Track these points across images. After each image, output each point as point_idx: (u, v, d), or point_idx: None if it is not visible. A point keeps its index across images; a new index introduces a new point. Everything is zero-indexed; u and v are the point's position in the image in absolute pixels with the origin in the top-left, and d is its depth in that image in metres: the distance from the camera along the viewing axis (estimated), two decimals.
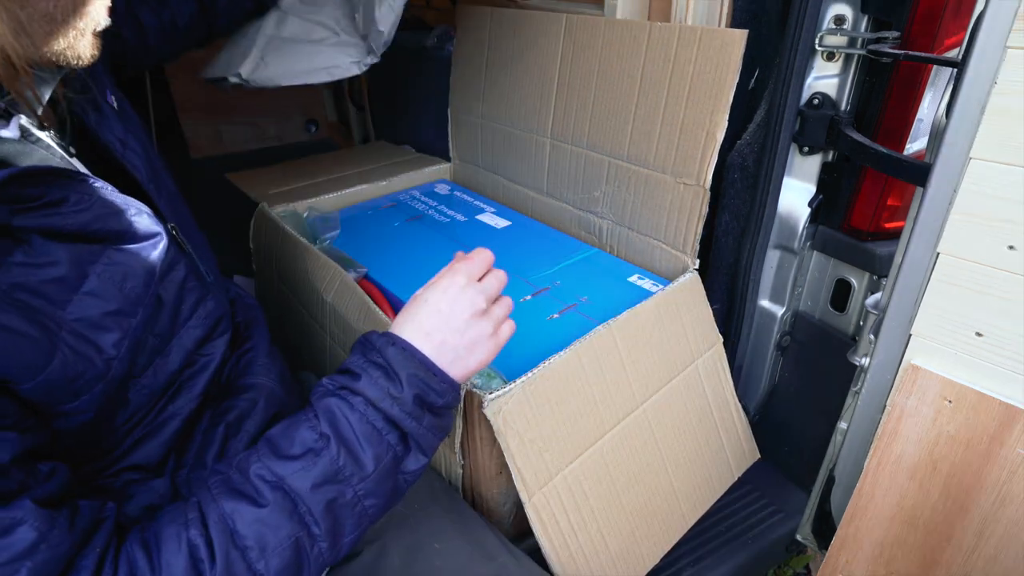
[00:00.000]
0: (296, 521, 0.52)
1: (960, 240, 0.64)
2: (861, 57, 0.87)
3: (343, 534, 0.55)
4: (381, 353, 0.58)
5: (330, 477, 0.54)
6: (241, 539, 0.50)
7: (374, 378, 0.56)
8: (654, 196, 1.01)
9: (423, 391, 0.57)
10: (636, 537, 0.87)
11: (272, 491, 0.52)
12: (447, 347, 0.60)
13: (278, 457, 0.54)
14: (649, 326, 0.89)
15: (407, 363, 0.57)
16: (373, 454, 0.55)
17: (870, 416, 0.80)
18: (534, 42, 1.15)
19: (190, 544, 0.49)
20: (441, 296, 0.61)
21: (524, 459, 0.74)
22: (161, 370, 0.60)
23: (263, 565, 0.50)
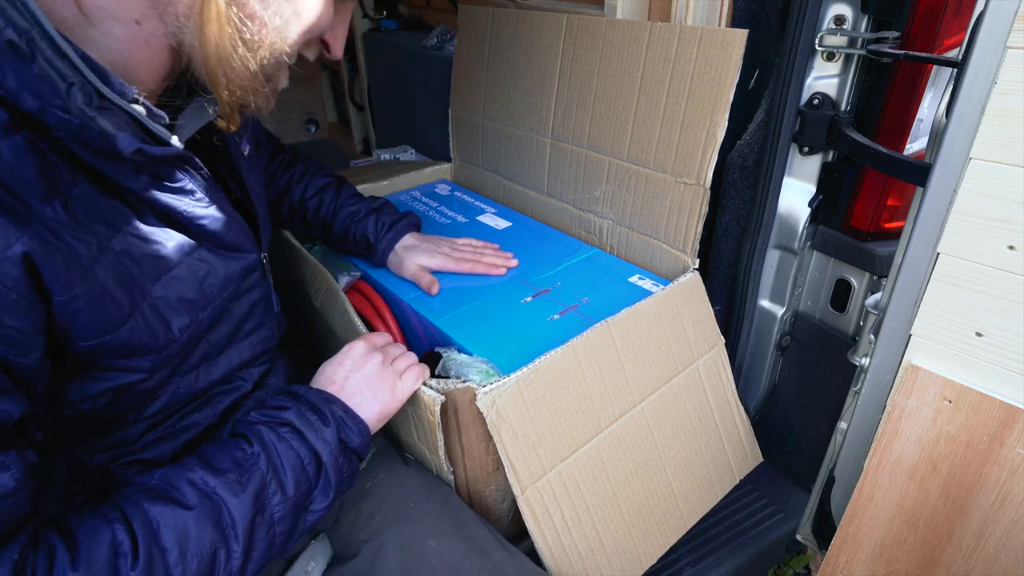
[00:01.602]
0: (219, 531, 0.54)
1: (960, 240, 0.64)
2: (861, 57, 0.87)
3: (253, 556, 0.56)
4: (304, 397, 0.65)
5: (257, 493, 0.57)
6: (163, 540, 0.51)
7: (301, 411, 0.63)
8: (654, 196, 1.01)
9: (341, 424, 0.65)
10: (632, 535, 0.87)
11: (200, 497, 0.54)
12: (354, 391, 0.69)
13: (210, 469, 0.56)
14: (648, 325, 0.89)
15: (326, 402, 0.65)
16: (294, 479, 0.59)
17: (870, 416, 0.80)
18: (534, 42, 1.15)
19: (114, 539, 0.49)
20: (343, 357, 0.72)
21: (517, 453, 0.74)
22: (203, 377, 0.64)
23: (180, 570, 0.51)
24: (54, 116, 0.46)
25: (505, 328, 0.89)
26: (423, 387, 0.74)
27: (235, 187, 0.70)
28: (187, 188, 0.58)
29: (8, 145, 0.45)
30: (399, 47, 1.90)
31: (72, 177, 0.49)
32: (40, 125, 0.46)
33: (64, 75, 0.45)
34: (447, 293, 0.98)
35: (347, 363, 0.71)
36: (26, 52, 0.43)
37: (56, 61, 0.44)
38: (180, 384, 0.62)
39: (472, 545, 0.71)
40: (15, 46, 0.43)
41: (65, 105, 0.45)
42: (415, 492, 0.76)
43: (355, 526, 0.74)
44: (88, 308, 0.50)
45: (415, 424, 0.80)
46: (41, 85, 0.44)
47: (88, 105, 0.46)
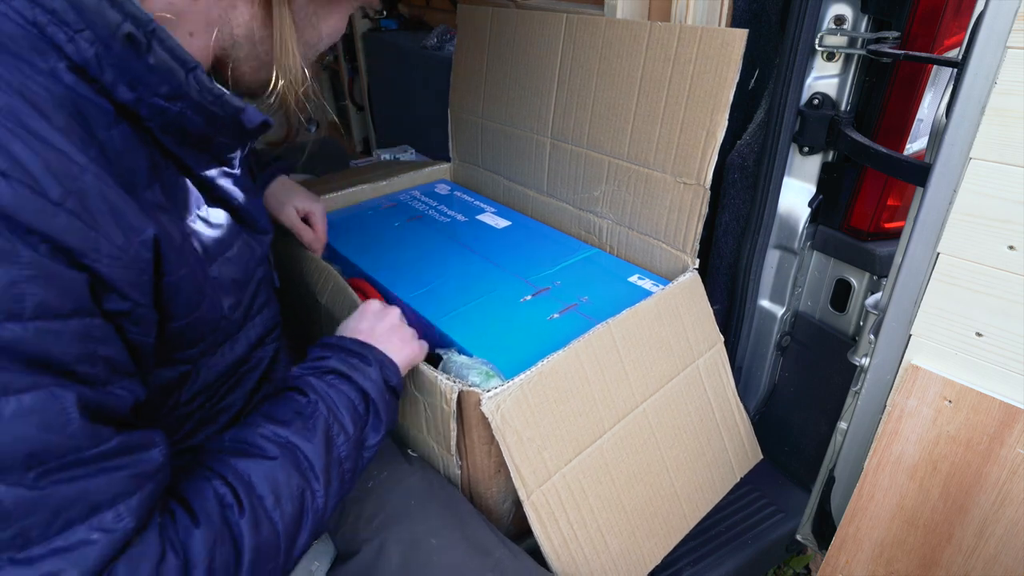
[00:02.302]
0: (301, 475, 0.58)
1: (960, 240, 0.64)
2: (861, 57, 0.87)
3: (331, 494, 0.60)
4: (339, 344, 0.69)
5: (325, 435, 0.61)
6: (258, 489, 0.55)
7: (342, 357, 0.67)
8: (654, 196, 1.01)
9: (382, 364, 0.68)
10: (637, 537, 0.87)
11: (278, 448, 0.58)
12: (383, 339, 0.72)
13: (277, 422, 0.60)
14: (649, 325, 0.89)
15: (363, 346, 0.69)
16: (351, 418, 0.63)
17: (870, 416, 0.80)
18: (534, 42, 1.15)
19: (216, 493, 0.53)
20: (362, 313, 0.75)
21: (522, 457, 0.74)
22: (228, 354, 0.66)
23: (278, 514, 0.55)
24: (150, 105, 0.49)
25: (505, 327, 0.90)
26: (440, 377, 0.75)
27: None
28: (238, 175, 0.64)
29: (119, 132, 0.48)
30: (399, 47, 1.90)
31: (165, 165, 0.54)
32: (133, 117, 0.50)
33: (185, 61, 0.49)
34: (446, 292, 0.98)
35: (369, 317, 0.74)
36: (143, 44, 0.47)
37: (177, 50, 0.49)
38: (210, 363, 0.64)
39: (474, 544, 0.71)
40: (133, 39, 0.46)
41: (175, 92, 0.50)
42: (417, 491, 0.77)
43: (357, 525, 0.74)
44: (186, 285, 0.53)
45: (426, 416, 0.80)
46: (150, 75, 0.48)
47: (213, 86, 0.51)
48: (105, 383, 0.45)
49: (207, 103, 0.52)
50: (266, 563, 0.53)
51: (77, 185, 0.43)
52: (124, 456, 0.46)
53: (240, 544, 0.51)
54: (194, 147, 0.57)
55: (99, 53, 0.46)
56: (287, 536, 0.55)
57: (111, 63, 0.46)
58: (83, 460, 0.43)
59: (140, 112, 0.49)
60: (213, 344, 0.62)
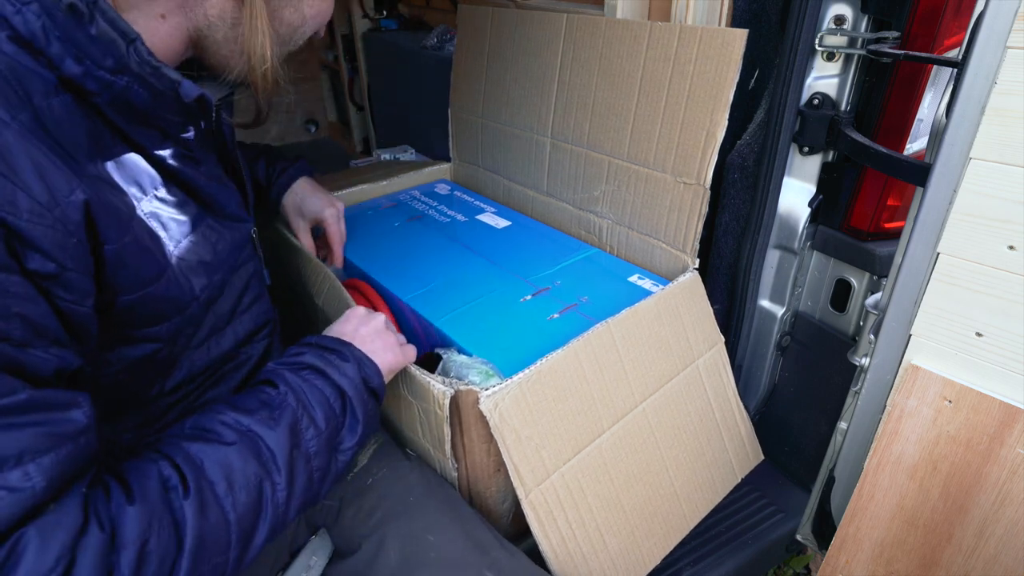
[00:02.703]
0: (260, 464, 0.55)
1: (960, 240, 0.64)
2: (861, 57, 0.87)
3: (295, 490, 0.57)
4: (318, 342, 0.67)
5: (291, 427, 0.58)
6: (209, 473, 0.52)
7: (319, 353, 0.65)
8: (654, 196, 1.01)
9: (360, 362, 0.66)
10: (636, 537, 0.87)
11: (237, 434, 0.55)
12: (365, 341, 0.70)
13: (240, 410, 0.57)
14: (648, 325, 0.89)
15: (342, 343, 0.67)
16: (323, 414, 0.61)
17: (870, 416, 0.80)
18: (534, 42, 1.15)
19: (160, 474, 0.50)
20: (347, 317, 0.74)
21: (521, 455, 0.74)
22: (215, 348, 0.67)
23: (230, 501, 0.52)
24: (96, 80, 0.49)
25: (504, 327, 0.89)
26: (432, 381, 0.74)
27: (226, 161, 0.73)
28: (197, 158, 0.63)
29: (60, 102, 0.48)
30: (399, 47, 1.90)
31: (112, 140, 0.54)
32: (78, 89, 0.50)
33: (126, 33, 0.49)
34: (446, 292, 0.98)
35: (353, 320, 0.73)
36: (86, 14, 0.47)
37: (118, 21, 0.49)
38: (195, 356, 0.65)
39: (471, 542, 0.71)
40: (75, 9, 0.46)
41: (119, 65, 0.49)
42: (416, 488, 0.77)
43: (356, 521, 0.74)
44: (133, 258, 0.53)
45: (420, 420, 0.80)
46: (93, 47, 0.48)
47: (152, 59, 0.51)
48: (22, 343, 0.44)
49: (146, 75, 0.52)
50: (213, 553, 0.50)
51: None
52: (36, 413, 0.43)
53: (182, 528, 0.48)
54: (143, 124, 0.56)
55: (45, 25, 0.46)
56: (240, 527, 0.52)
57: (57, 35, 0.47)
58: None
59: (87, 86, 0.49)
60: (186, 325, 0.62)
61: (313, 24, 0.65)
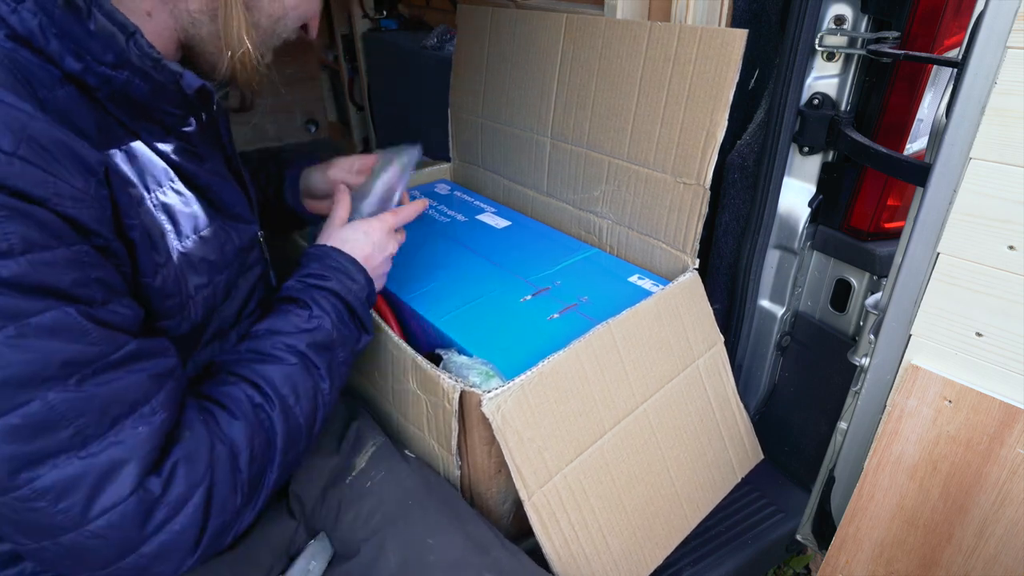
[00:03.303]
0: (313, 377, 0.67)
1: (960, 240, 0.64)
2: (861, 57, 0.87)
3: (335, 388, 0.70)
4: (337, 260, 0.74)
5: (329, 345, 0.69)
6: (281, 389, 0.63)
7: (339, 277, 0.73)
8: (654, 196, 1.01)
9: (370, 291, 0.77)
10: (638, 537, 0.87)
11: (292, 354, 0.66)
12: (372, 271, 0.78)
13: (285, 334, 0.67)
14: (649, 325, 0.89)
15: (360, 272, 0.76)
16: (346, 333, 0.72)
17: (870, 416, 0.80)
18: (534, 42, 1.15)
19: (247, 394, 0.61)
20: (371, 233, 0.80)
21: (523, 458, 0.74)
22: (218, 350, 0.69)
23: (299, 408, 0.64)
24: (96, 75, 0.50)
25: (504, 327, 0.89)
26: (443, 376, 0.75)
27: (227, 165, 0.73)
28: (202, 155, 0.65)
29: (64, 94, 0.49)
30: (399, 47, 1.89)
31: (120, 131, 0.55)
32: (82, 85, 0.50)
33: (124, 26, 0.50)
34: (446, 292, 0.98)
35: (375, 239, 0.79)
36: (83, 9, 0.47)
37: (116, 14, 0.49)
38: (199, 357, 0.67)
39: (472, 543, 0.71)
40: (72, 4, 0.47)
41: (119, 59, 0.50)
42: (415, 490, 0.76)
43: (355, 525, 0.74)
44: (141, 242, 0.54)
45: (428, 414, 0.80)
46: (93, 43, 0.48)
47: (152, 51, 0.52)
48: (104, 302, 0.49)
49: (148, 68, 0.52)
50: (294, 446, 0.64)
51: (27, 132, 0.44)
52: (144, 360, 0.51)
53: (273, 434, 0.61)
54: (143, 118, 0.57)
55: (42, 23, 0.47)
56: (307, 424, 0.65)
57: (55, 32, 0.47)
58: (111, 364, 0.48)
59: (88, 82, 0.50)
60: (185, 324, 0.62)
61: (295, 16, 0.65)
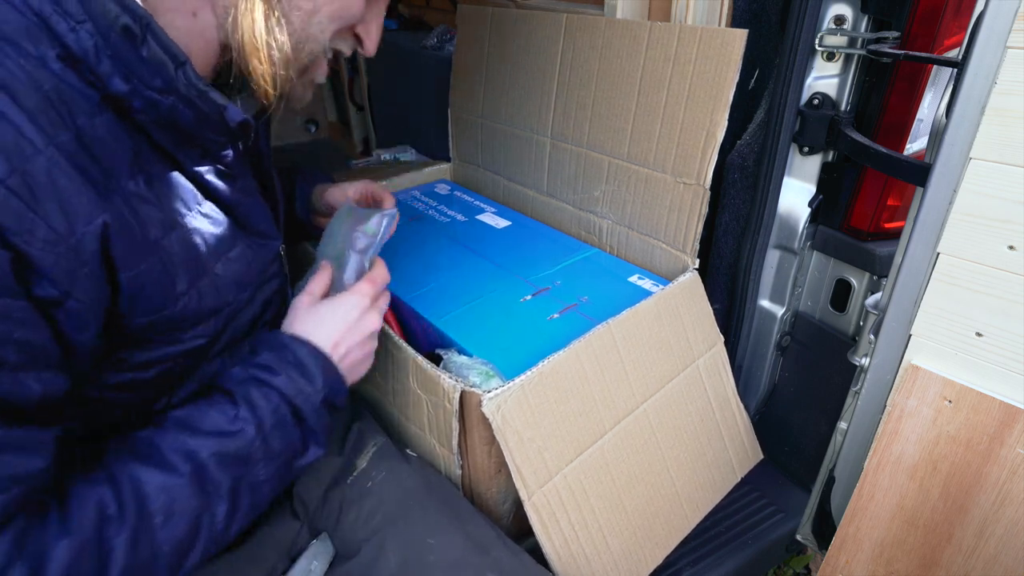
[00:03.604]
0: (203, 495, 0.54)
1: (960, 240, 0.64)
2: (861, 57, 0.87)
3: (237, 517, 0.58)
4: (294, 352, 0.63)
5: (244, 459, 0.57)
6: (150, 504, 0.51)
7: (290, 375, 0.62)
8: (654, 196, 1.01)
9: (332, 395, 0.64)
10: (638, 537, 0.87)
11: (185, 462, 0.54)
12: (348, 361, 0.68)
13: (194, 433, 0.56)
14: (649, 325, 0.89)
15: (322, 367, 0.64)
16: (281, 445, 0.60)
17: (870, 416, 0.80)
18: (534, 42, 1.15)
19: (100, 504, 0.50)
20: (348, 312, 0.69)
21: (523, 458, 0.74)
22: (229, 363, 0.66)
23: (165, 534, 0.52)
24: (143, 98, 0.50)
25: (504, 327, 0.89)
26: (443, 375, 0.75)
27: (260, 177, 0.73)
28: (235, 176, 0.63)
29: (102, 121, 0.49)
30: (399, 47, 1.89)
31: (154, 157, 0.54)
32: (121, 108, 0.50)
33: (176, 56, 0.50)
34: (446, 292, 0.98)
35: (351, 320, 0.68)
36: (139, 36, 0.48)
37: (169, 45, 0.50)
38: (207, 369, 0.64)
39: (472, 542, 0.71)
40: (129, 31, 0.47)
41: (167, 86, 0.50)
42: (416, 490, 0.77)
43: (356, 525, 0.74)
44: (152, 283, 0.53)
45: (429, 414, 0.80)
46: (143, 68, 0.49)
47: (199, 82, 0.52)
48: (16, 368, 0.44)
49: (193, 97, 0.52)
50: None
51: (26, 166, 0.43)
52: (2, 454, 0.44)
53: (109, 561, 0.48)
54: (185, 143, 0.57)
55: (98, 44, 0.47)
56: (172, 557, 0.52)
57: (108, 54, 0.48)
58: None
59: (134, 104, 0.50)
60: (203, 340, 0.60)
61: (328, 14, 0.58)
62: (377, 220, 0.75)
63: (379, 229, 0.75)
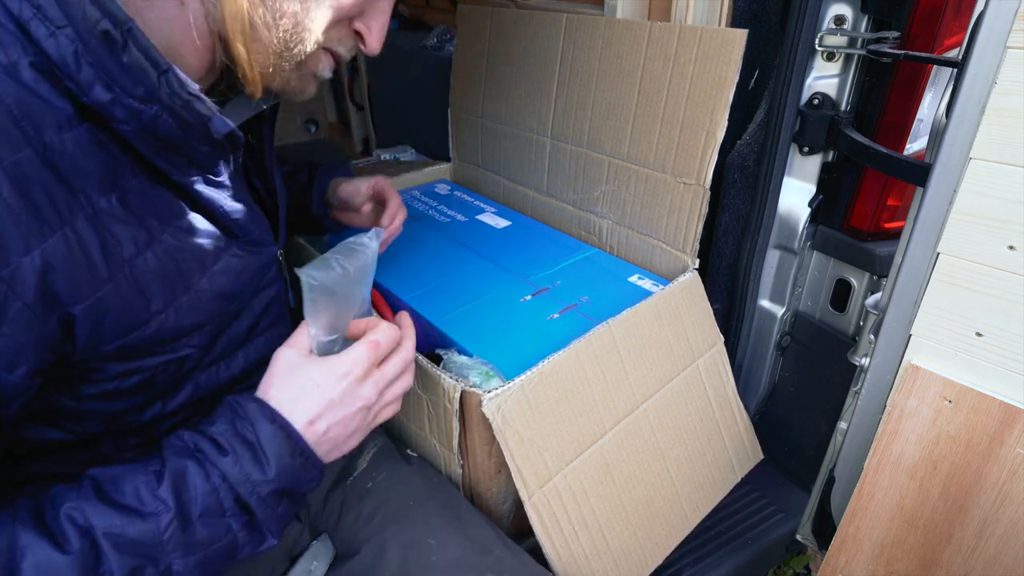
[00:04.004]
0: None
1: (960, 240, 0.64)
2: (861, 57, 0.87)
3: None
4: (254, 428, 0.53)
5: (149, 544, 0.48)
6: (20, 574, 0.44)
7: (239, 457, 0.52)
8: (654, 196, 1.01)
9: (290, 484, 0.54)
10: (638, 538, 0.87)
11: (80, 539, 0.46)
12: (328, 438, 0.57)
13: (102, 503, 0.48)
14: (649, 325, 0.89)
15: (282, 451, 0.53)
16: (208, 535, 0.51)
17: (870, 416, 0.80)
18: (534, 42, 1.15)
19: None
20: (336, 383, 0.57)
21: (524, 458, 0.74)
22: (224, 372, 0.64)
23: None
24: (125, 108, 0.47)
25: (505, 327, 0.90)
26: (444, 375, 0.74)
27: (260, 183, 0.71)
28: (224, 183, 0.60)
29: (72, 138, 0.46)
30: (399, 47, 1.89)
31: (131, 169, 0.51)
32: (100, 119, 0.48)
33: (157, 63, 0.47)
34: (446, 292, 0.98)
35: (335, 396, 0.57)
36: (119, 42, 0.45)
37: (151, 51, 0.47)
38: (200, 378, 0.62)
39: (473, 543, 0.71)
40: (109, 36, 0.45)
41: (149, 95, 0.47)
42: (416, 491, 0.77)
43: (356, 525, 0.74)
44: (118, 306, 0.50)
45: (429, 414, 0.80)
46: (124, 75, 0.46)
47: (182, 90, 0.49)
48: None
49: (177, 107, 0.49)
50: None
51: None
52: None
53: None
54: (169, 152, 0.53)
55: (78, 51, 0.44)
56: None
57: (88, 60, 0.45)
58: None
59: (115, 114, 0.47)
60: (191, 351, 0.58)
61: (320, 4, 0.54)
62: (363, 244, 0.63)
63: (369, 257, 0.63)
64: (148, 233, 0.52)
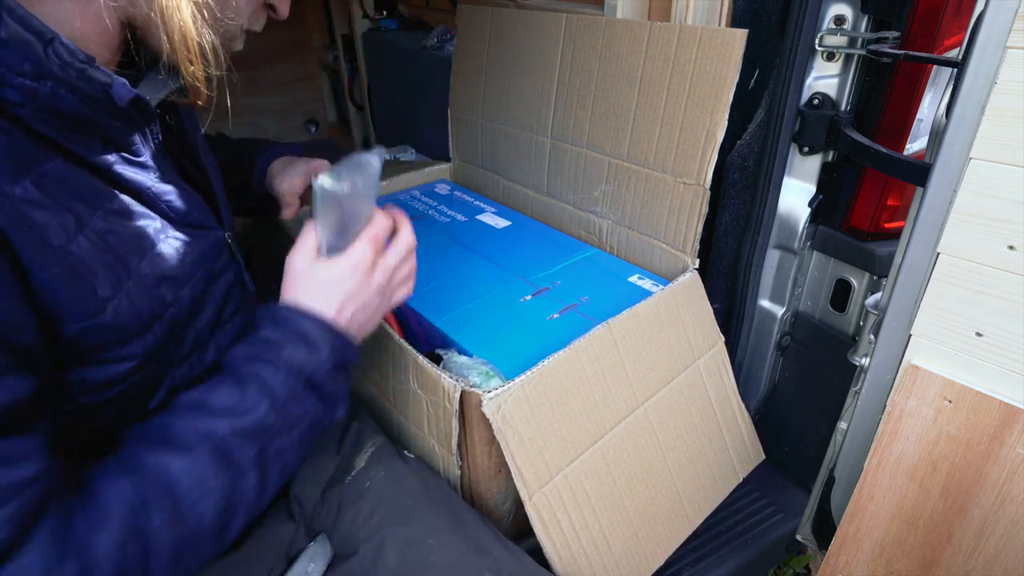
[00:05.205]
0: (228, 471, 0.54)
1: (960, 240, 0.64)
2: (861, 57, 0.87)
3: (269, 484, 0.57)
4: (296, 325, 0.60)
5: (261, 430, 0.56)
6: (178, 488, 0.51)
7: (296, 348, 0.59)
8: (654, 196, 1.01)
9: (341, 358, 0.62)
10: (639, 538, 0.87)
11: (205, 442, 0.53)
12: (355, 321, 0.65)
13: (207, 413, 0.55)
14: (649, 325, 0.89)
15: (326, 336, 0.61)
16: (299, 412, 0.59)
17: (870, 416, 0.80)
18: (534, 42, 1.15)
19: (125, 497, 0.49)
20: (350, 277, 0.64)
21: (524, 458, 0.74)
22: (197, 365, 0.65)
23: (202, 510, 0.51)
24: (16, 89, 0.45)
25: (505, 327, 0.90)
26: (444, 375, 0.74)
27: (189, 165, 0.69)
28: (147, 163, 0.58)
29: None
30: (399, 47, 1.89)
31: (42, 154, 0.49)
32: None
33: (41, 33, 0.45)
34: (446, 292, 0.98)
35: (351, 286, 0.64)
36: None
37: (30, 19, 0.44)
38: (176, 375, 0.62)
39: (471, 543, 0.71)
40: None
41: (39, 69, 0.45)
42: (414, 491, 0.76)
43: (355, 525, 0.74)
44: (69, 288, 0.49)
45: (428, 414, 0.80)
46: (6, 52, 0.44)
47: (75, 59, 0.46)
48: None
49: (71, 78, 0.46)
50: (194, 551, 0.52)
51: None
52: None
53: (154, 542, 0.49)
54: (79, 131, 0.51)
55: None
56: (216, 525, 0.53)
57: None
58: None
59: (8, 97, 0.45)
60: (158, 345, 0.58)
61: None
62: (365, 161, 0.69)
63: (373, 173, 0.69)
64: (76, 218, 0.50)
